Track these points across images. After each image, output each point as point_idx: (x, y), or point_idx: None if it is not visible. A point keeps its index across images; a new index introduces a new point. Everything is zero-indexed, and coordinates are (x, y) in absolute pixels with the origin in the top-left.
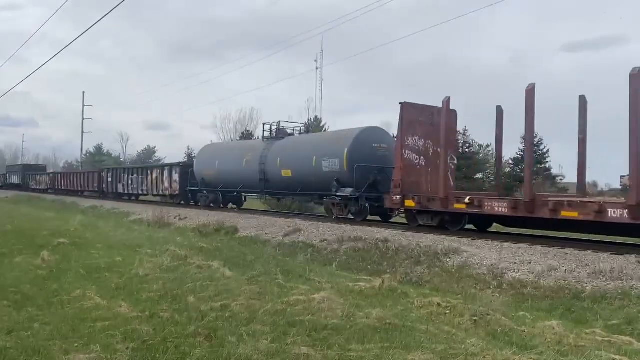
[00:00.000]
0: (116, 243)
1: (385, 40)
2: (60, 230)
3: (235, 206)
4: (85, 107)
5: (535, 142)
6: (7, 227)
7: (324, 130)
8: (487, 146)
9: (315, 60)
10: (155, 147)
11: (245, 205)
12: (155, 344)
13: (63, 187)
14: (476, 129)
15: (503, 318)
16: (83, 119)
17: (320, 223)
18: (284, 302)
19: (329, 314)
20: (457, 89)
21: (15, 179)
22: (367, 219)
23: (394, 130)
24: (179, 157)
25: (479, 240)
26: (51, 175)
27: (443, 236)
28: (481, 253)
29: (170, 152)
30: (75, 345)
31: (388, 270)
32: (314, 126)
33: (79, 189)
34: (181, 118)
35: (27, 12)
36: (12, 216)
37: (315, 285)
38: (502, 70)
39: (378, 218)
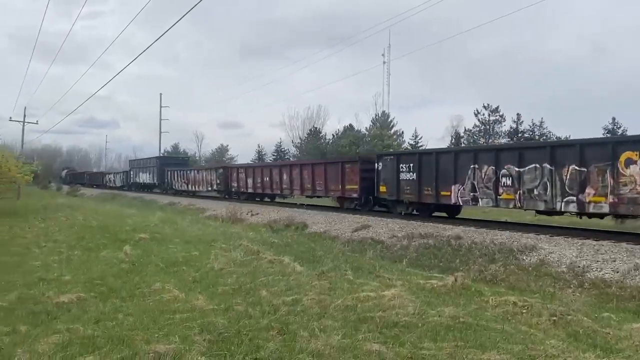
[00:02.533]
0: (192, 238)
1: (455, 31)
2: (140, 226)
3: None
4: (162, 108)
5: None
6: (93, 223)
7: (392, 126)
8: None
9: (383, 55)
10: (228, 146)
11: (315, 201)
12: (230, 337)
13: (253, 190)
14: (556, 121)
15: (585, 319)
16: (160, 119)
17: (389, 219)
18: (354, 298)
19: (400, 311)
20: (531, 80)
21: (146, 177)
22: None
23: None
24: (251, 155)
25: (558, 237)
26: (221, 171)
27: (520, 233)
28: (560, 250)
29: (242, 151)
30: (156, 335)
31: (461, 268)
32: (381, 121)
33: (300, 191)
34: (251, 117)
35: (108, 19)
36: (98, 213)
37: (385, 282)
38: (582, 58)
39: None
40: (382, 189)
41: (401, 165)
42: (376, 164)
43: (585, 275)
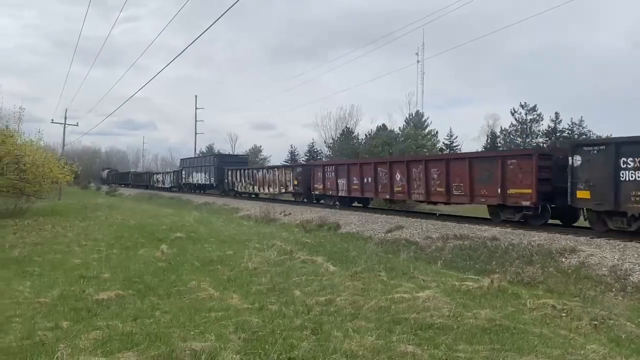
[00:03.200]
0: (227, 237)
1: (491, 29)
2: (177, 225)
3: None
4: (197, 109)
5: None
6: (131, 222)
7: (426, 125)
8: None
9: (417, 54)
10: (261, 146)
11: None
12: (265, 335)
13: (347, 193)
14: (595, 120)
15: (628, 323)
16: (196, 121)
17: (423, 220)
18: (387, 299)
19: (435, 312)
20: (572, 77)
21: (200, 178)
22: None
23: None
24: (284, 156)
25: (599, 239)
26: (299, 169)
27: (558, 234)
28: (601, 253)
29: (275, 151)
30: (192, 333)
31: (497, 270)
32: (415, 121)
33: (423, 195)
34: (284, 118)
35: (145, 23)
36: (136, 212)
37: (419, 283)
38: (622, 55)
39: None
40: (583, 194)
41: (624, 159)
42: (570, 159)
43: (628, 279)
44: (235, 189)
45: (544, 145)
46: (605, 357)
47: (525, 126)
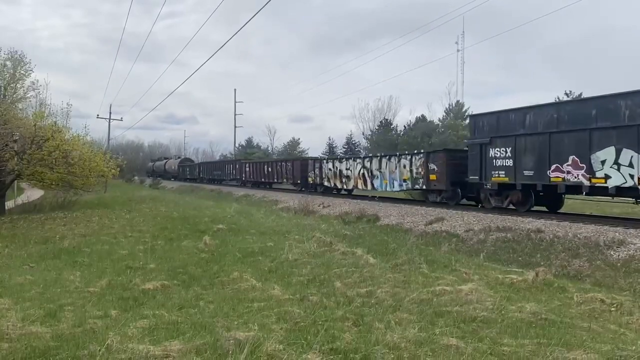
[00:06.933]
0: (267, 229)
1: (534, 15)
2: (218, 217)
3: None
4: (236, 103)
5: None
6: (174, 214)
7: (466, 115)
8: None
9: (456, 42)
10: (299, 139)
11: (386, 194)
12: (307, 326)
13: None
14: None
15: None
16: (235, 114)
17: (465, 212)
18: (429, 291)
19: (478, 305)
20: (619, 66)
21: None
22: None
23: None
24: (322, 148)
25: None
26: None
27: (606, 226)
28: None
29: (313, 144)
30: (236, 323)
31: (542, 263)
32: (455, 111)
33: None
34: (322, 110)
35: (186, 18)
36: (178, 204)
37: (461, 276)
38: None
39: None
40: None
41: None
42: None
43: None
44: None
45: None
46: None
47: None
